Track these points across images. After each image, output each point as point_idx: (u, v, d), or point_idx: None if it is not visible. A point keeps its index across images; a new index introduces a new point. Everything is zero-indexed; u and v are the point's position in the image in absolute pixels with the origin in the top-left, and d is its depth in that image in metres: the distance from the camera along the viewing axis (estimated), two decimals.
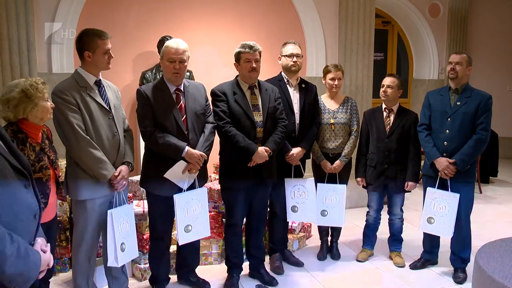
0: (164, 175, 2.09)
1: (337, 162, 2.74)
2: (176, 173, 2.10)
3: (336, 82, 2.73)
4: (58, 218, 2.27)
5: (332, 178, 2.77)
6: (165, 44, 2.16)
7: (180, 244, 2.18)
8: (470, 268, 2.50)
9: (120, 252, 1.99)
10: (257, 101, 2.38)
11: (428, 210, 2.53)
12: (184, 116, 2.15)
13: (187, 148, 2.10)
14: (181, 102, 2.17)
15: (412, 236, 3.15)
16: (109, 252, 1.99)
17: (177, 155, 2.09)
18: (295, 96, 2.66)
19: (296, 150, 2.59)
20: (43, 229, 1.53)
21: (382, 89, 2.73)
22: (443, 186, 2.53)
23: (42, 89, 1.77)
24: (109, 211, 1.97)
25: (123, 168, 2.03)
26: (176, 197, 2.11)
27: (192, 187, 2.21)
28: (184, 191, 2.14)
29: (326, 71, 2.78)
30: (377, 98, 3.60)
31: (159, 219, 2.25)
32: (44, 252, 1.08)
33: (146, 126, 2.09)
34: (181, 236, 2.14)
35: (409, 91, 5.30)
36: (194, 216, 2.18)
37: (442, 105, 2.55)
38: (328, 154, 2.77)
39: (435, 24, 4.93)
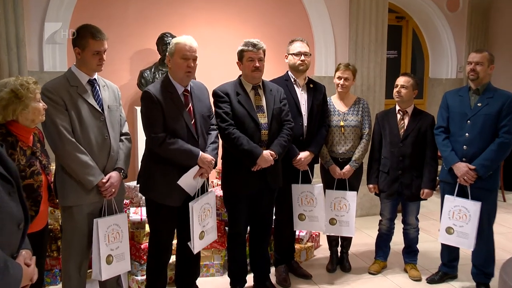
0: (178, 183, 2.08)
1: (347, 167, 2.72)
2: (189, 179, 2.10)
3: (341, 82, 2.71)
4: (49, 227, 2.24)
5: (341, 185, 2.74)
6: (176, 41, 2.13)
7: (195, 252, 2.18)
8: (494, 283, 2.46)
9: (105, 265, 1.96)
10: (262, 102, 2.38)
11: (447, 220, 2.49)
12: (193, 120, 2.15)
13: (200, 152, 2.11)
14: (190, 104, 2.16)
15: (429, 247, 3.11)
16: (94, 264, 1.97)
17: (191, 161, 2.09)
18: (302, 97, 2.65)
19: (303, 155, 2.58)
20: (34, 239, 1.52)
21: (395, 90, 2.71)
22: (462, 194, 2.49)
23: (33, 89, 1.74)
24: (95, 220, 1.95)
25: (114, 174, 1.99)
26: (194, 205, 2.10)
27: (200, 192, 2.20)
28: (196, 197, 2.15)
29: (336, 70, 2.78)
30: (390, 99, 3.59)
31: (163, 231, 2.21)
32: (28, 265, 1.05)
33: (156, 133, 2.05)
34: (196, 244, 2.15)
35: (424, 91, 5.26)
36: (205, 221, 2.20)
37: (461, 107, 2.52)
38: (338, 158, 2.76)
39: (453, 19, 4.86)
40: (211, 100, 2.35)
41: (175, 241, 2.41)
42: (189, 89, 2.17)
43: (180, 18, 3.64)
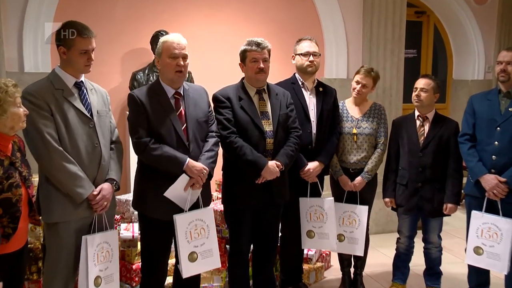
0: (165, 194, 2.10)
1: (358, 178, 2.76)
2: (177, 190, 2.12)
3: (358, 88, 2.77)
4: (29, 246, 2.23)
5: (352, 198, 2.79)
6: (162, 39, 2.18)
7: (184, 277, 2.13)
8: None
9: (93, 287, 1.97)
10: (266, 107, 2.43)
11: (475, 238, 2.48)
12: (185, 125, 2.17)
13: (188, 160, 2.12)
14: (181, 108, 2.19)
15: (454, 269, 3.13)
16: (81, 287, 1.96)
17: (176, 168, 2.10)
18: (311, 102, 2.71)
19: (312, 165, 2.63)
20: (11, 260, 1.52)
21: (414, 93, 2.75)
22: (492, 209, 2.49)
23: (13, 93, 1.74)
24: (83, 237, 1.96)
25: (105, 186, 2.03)
26: (177, 217, 2.10)
27: (194, 207, 2.22)
28: (186, 211, 2.16)
29: (357, 72, 2.82)
30: (408, 103, 3.62)
31: (155, 249, 2.24)
32: None
33: (140, 137, 2.10)
34: (185, 266, 2.10)
35: (447, 94, 5.28)
36: (199, 241, 2.17)
37: (489, 112, 2.53)
38: (349, 169, 2.80)
39: (481, 13, 4.80)
40: (212, 104, 2.40)
41: (172, 261, 2.45)
42: (181, 91, 2.21)
43: (177, 15, 3.72)
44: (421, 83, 2.74)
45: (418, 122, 2.78)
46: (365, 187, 2.78)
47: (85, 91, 2.03)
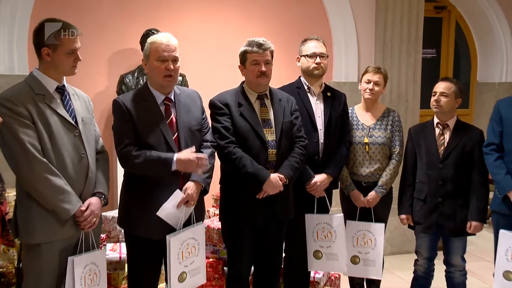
0: (157, 214, 2.12)
1: (372, 193, 2.80)
2: (170, 209, 2.15)
3: (370, 86, 2.81)
4: (0, 270, 2.23)
5: (365, 215, 2.83)
6: (149, 40, 2.21)
7: None
8: None
9: None
10: (269, 114, 2.48)
11: (504, 262, 2.47)
12: (176, 134, 2.21)
13: (175, 155, 2.12)
14: (172, 115, 2.22)
15: None
16: None
17: (166, 168, 2.11)
18: (318, 108, 2.76)
19: (320, 178, 2.67)
20: None
21: (433, 98, 2.79)
22: None
23: None
24: (70, 258, 1.97)
25: (93, 200, 2.06)
26: (172, 239, 2.13)
27: (186, 223, 2.25)
28: (179, 229, 2.19)
29: (364, 73, 2.89)
30: (426, 109, 3.66)
31: (143, 271, 2.26)
32: None
33: (123, 148, 2.13)
34: (174, 287, 2.16)
35: (471, 99, 5.29)
36: (189, 260, 2.22)
37: None
38: (361, 183, 2.84)
39: (510, 7, 4.79)
40: (207, 111, 2.45)
41: (162, 285, 2.48)
42: (172, 97, 2.24)
43: (170, 12, 3.79)
44: (441, 87, 2.78)
45: (437, 130, 2.82)
46: (379, 203, 2.81)
47: (68, 96, 2.07)
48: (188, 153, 2.14)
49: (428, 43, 4.84)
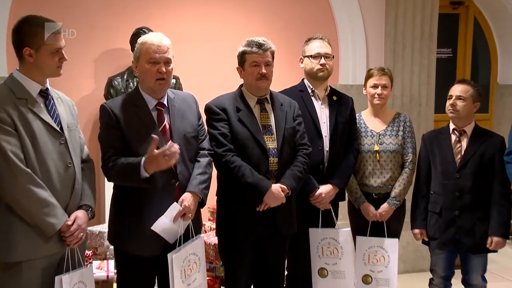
0: (152, 228, 2.13)
1: (384, 206, 2.83)
2: (166, 223, 2.16)
3: (379, 91, 2.84)
4: None
5: (377, 229, 2.84)
6: (140, 41, 2.23)
7: None
8: None
9: None
10: (269, 120, 2.51)
11: None
12: (170, 141, 2.18)
13: (143, 159, 2.07)
14: (165, 121, 2.24)
15: None
16: None
17: (136, 173, 2.08)
18: (323, 113, 2.79)
19: (325, 189, 2.69)
20: None
21: (449, 102, 2.81)
22: None
23: None
24: (57, 278, 1.98)
25: (80, 214, 2.07)
26: (174, 256, 2.13)
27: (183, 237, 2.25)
28: (177, 245, 2.19)
29: (367, 76, 2.92)
30: (441, 114, 3.66)
31: None
32: None
33: (107, 159, 2.14)
34: None
35: (491, 103, 5.27)
36: (192, 277, 2.23)
37: None
38: (371, 194, 2.87)
39: None
40: (203, 117, 2.47)
41: None
42: (165, 102, 2.26)
43: (163, 9, 3.82)
44: (457, 89, 2.79)
45: (453, 137, 2.84)
46: (392, 216, 2.83)
47: (52, 100, 2.08)
48: (172, 145, 2.10)
49: (444, 41, 4.82)
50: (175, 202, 2.17)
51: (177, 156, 2.11)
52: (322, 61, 2.74)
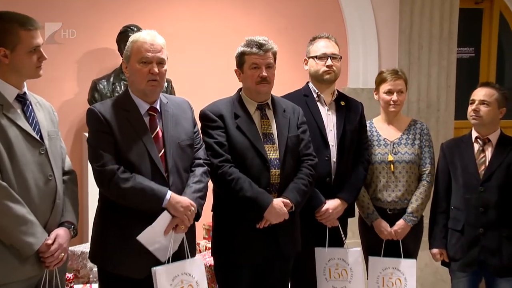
0: (138, 238, 2.13)
1: (400, 222, 2.84)
2: (155, 234, 2.17)
3: (394, 97, 2.87)
4: None
5: (392, 249, 2.85)
6: (131, 39, 2.27)
7: None
8: None
9: None
10: (271, 128, 2.54)
11: None
12: (163, 150, 2.25)
13: (170, 193, 2.19)
14: (158, 128, 2.27)
15: None
16: None
17: (154, 205, 2.15)
18: (330, 120, 2.82)
19: (332, 204, 2.71)
20: None
21: (471, 107, 2.83)
22: None
23: None
24: None
25: (61, 232, 2.08)
26: (157, 270, 2.14)
27: (176, 257, 2.24)
28: (167, 262, 2.18)
29: (379, 81, 2.94)
30: (462, 120, 3.69)
31: None
32: None
33: (104, 164, 2.15)
34: None
35: None
36: None
37: None
38: (385, 210, 2.89)
39: None
40: (198, 124, 2.50)
41: None
42: (158, 107, 2.30)
43: (153, 4, 3.88)
44: (480, 93, 2.81)
45: (476, 146, 2.86)
46: (408, 234, 2.85)
47: (30, 106, 2.10)
48: (186, 199, 2.21)
49: (465, 40, 4.85)
50: (165, 211, 2.18)
51: (188, 224, 2.23)
52: (329, 62, 2.77)
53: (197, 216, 2.30)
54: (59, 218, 2.14)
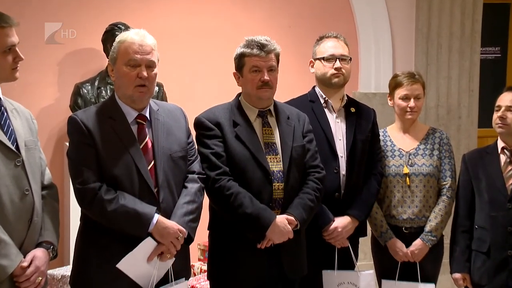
0: (118, 266, 2.13)
1: (417, 242, 2.85)
2: (138, 261, 2.18)
3: (411, 103, 2.89)
4: None
5: (408, 272, 2.86)
6: (118, 39, 2.28)
7: None
8: None
9: None
10: (273, 137, 2.56)
11: None
12: (152, 163, 2.26)
13: (157, 217, 2.21)
14: (147, 138, 2.28)
15: None
16: None
17: (139, 230, 2.17)
18: (339, 128, 2.84)
19: (341, 222, 2.73)
20: None
21: (497, 114, 2.84)
22: None
23: None
24: None
25: (39, 253, 2.09)
26: None
27: (163, 282, 2.26)
28: None
29: (394, 85, 2.97)
30: (487, 129, 3.71)
31: None
32: None
33: (85, 182, 2.16)
34: None
35: None
36: None
37: None
38: (401, 228, 2.91)
39: None
40: (193, 133, 2.51)
41: None
42: (147, 114, 2.32)
43: (142, 1, 3.92)
44: (507, 99, 2.83)
45: (503, 158, 2.86)
46: (427, 256, 2.86)
47: (5, 113, 2.12)
48: (174, 225, 2.21)
49: (490, 39, 4.85)
50: (149, 237, 2.18)
51: (175, 251, 2.23)
52: (337, 64, 2.80)
53: (189, 241, 2.31)
54: (37, 238, 2.15)
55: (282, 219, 2.43)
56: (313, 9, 4.13)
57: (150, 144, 2.29)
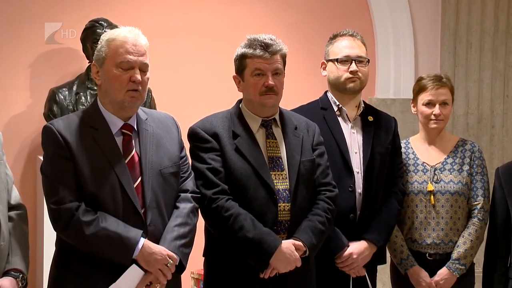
0: None
1: (443, 271, 2.88)
2: None
3: (437, 110, 2.92)
4: None
5: None
6: (107, 37, 2.30)
7: None
8: None
9: None
10: (279, 150, 2.58)
11: None
12: (139, 179, 2.29)
13: (143, 241, 2.21)
14: (133, 151, 2.32)
15: None
16: None
17: (122, 255, 2.18)
18: (354, 140, 2.87)
19: (357, 248, 2.75)
20: None
21: None
22: None
23: None
24: None
25: (5, 283, 2.15)
26: None
27: None
28: None
29: (418, 89, 3.00)
30: None
31: None
32: None
33: (61, 201, 2.18)
34: None
35: None
36: None
37: None
38: (424, 254, 2.93)
39: None
40: (187, 145, 2.55)
41: None
42: (134, 124, 2.35)
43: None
44: None
45: None
46: (455, 286, 2.89)
47: None
48: (163, 250, 2.22)
49: None
50: (134, 264, 2.20)
51: (165, 281, 2.25)
52: (353, 67, 2.82)
53: (181, 268, 2.33)
54: (4, 265, 2.19)
55: (288, 245, 2.45)
56: (323, 2, 4.17)
57: (137, 158, 2.31)
